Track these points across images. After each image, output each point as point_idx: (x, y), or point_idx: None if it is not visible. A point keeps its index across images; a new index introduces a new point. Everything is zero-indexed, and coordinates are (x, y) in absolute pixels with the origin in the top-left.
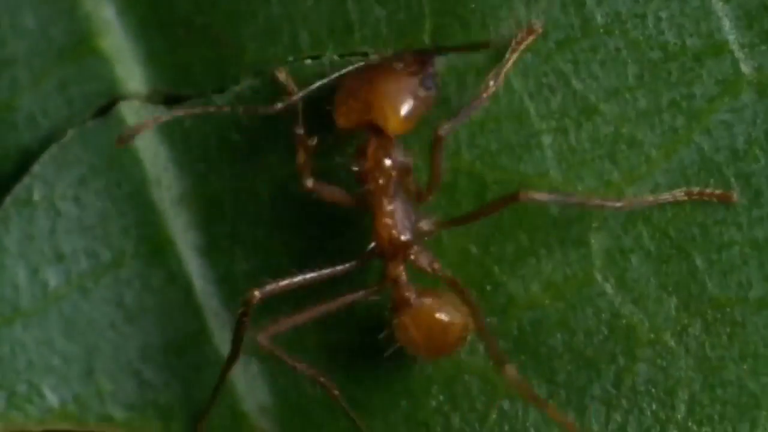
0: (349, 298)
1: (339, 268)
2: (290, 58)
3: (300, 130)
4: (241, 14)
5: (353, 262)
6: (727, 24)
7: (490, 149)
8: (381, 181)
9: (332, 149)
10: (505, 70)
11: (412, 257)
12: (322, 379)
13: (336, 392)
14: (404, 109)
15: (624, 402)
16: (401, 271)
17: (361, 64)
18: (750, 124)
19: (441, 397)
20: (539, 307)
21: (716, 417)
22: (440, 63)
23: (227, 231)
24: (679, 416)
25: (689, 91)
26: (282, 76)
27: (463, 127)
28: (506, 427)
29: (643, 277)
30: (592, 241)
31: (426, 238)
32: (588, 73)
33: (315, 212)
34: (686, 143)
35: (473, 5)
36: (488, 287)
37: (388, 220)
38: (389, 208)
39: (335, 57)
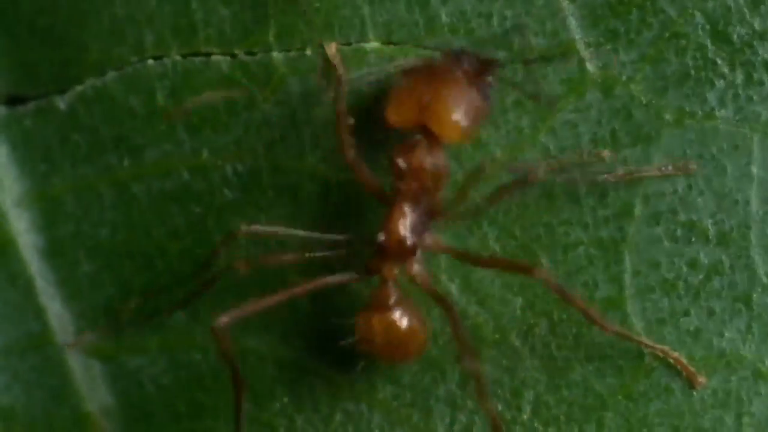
0: (328, 280)
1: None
2: (134, 59)
3: (342, 107)
4: (84, 14)
5: (350, 274)
6: (573, 23)
7: (334, 151)
8: (414, 184)
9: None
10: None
11: (409, 264)
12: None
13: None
14: (463, 119)
15: (469, 403)
16: (395, 274)
17: (421, 61)
18: (595, 123)
19: (285, 399)
20: None
21: (562, 418)
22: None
23: (70, 232)
24: (524, 417)
25: None
26: (332, 52)
27: (306, 129)
28: (350, 428)
29: (487, 277)
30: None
31: (424, 251)
32: None
33: (159, 213)
34: (532, 143)
35: (318, 4)
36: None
37: (405, 221)
38: (410, 209)
39: (178, 57)
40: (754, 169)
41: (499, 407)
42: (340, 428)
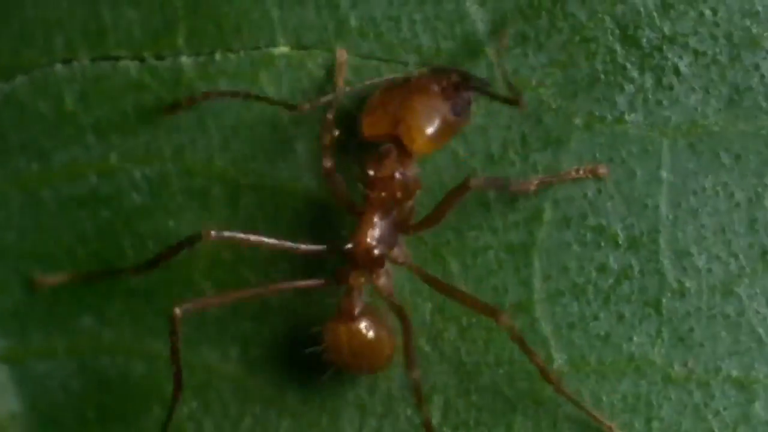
0: (293, 284)
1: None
2: (43, 61)
3: (330, 116)
4: None
5: (322, 279)
6: (481, 27)
7: (243, 154)
8: (384, 194)
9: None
10: (555, 180)
11: (376, 276)
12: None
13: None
14: (431, 130)
15: (378, 407)
16: (361, 283)
17: (400, 76)
18: (505, 128)
19: (194, 404)
20: (293, 312)
21: (471, 422)
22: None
23: None
24: (434, 422)
25: None
26: (342, 59)
27: (216, 132)
28: None
29: (397, 282)
30: None
31: (392, 263)
32: None
33: (67, 217)
34: (442, 148)
35: (226, 8)
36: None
37: (373, 231)
38: (379, 220)
39: (87, 61)
40: (664, 174)
41: (408, 412)
42: None
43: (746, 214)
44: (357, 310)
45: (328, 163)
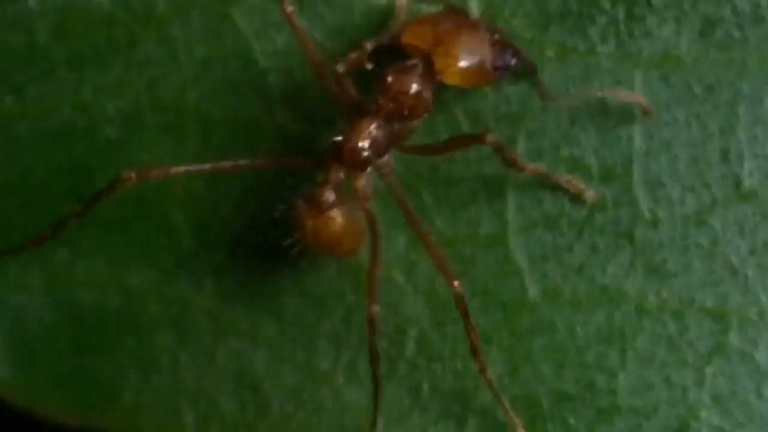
0: (269, 160)
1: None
2: None
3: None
4: None
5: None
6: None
7: (215, 88)
8: (393, 104)
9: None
10: (549, 179)
11: (357, 177)
12: None
13: None
14: (465, 65)
15: (353, 339)
16: (339, 178)
17: (459, 10)
18: None
19: (169, 335)
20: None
21: (446, 354)
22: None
23: None
24: (408, 354)
25: None
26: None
27: (188, 66)
28: (234, 365)
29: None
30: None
31: (375, 171)
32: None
33: (41, 152)
34: (464, 87)
35: None
36: (216, 225)
37: (369, 134)
38: (377, 126)
39: None
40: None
41: (384, 344)
42: (224, 365)
43: (719, 144)
44: (329, 200)
45: (341, 69)
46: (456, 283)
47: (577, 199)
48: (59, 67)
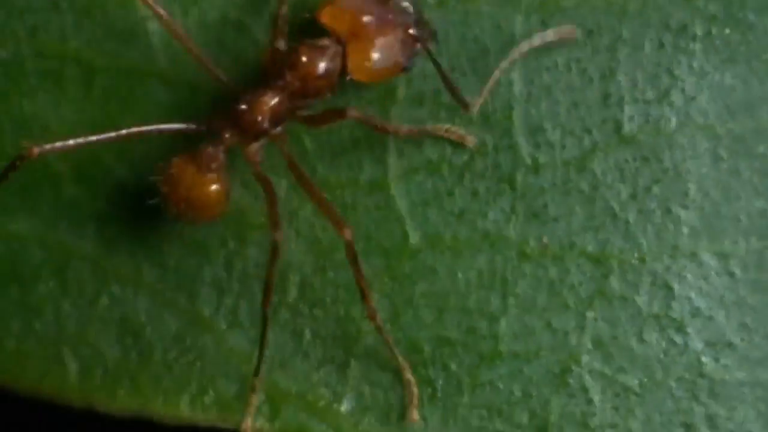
0: (162, 127)
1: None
2: None
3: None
4: None
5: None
6: None
7: (97, 36)
8: (299, 83)
9: None
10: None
11: (249, 144)
12: None
13: None
14: (378, 68)
15: (235, 286)
16: (232, 142)
17: None
18: None
19: (51, 283)
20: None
21: (328, 300)
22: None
23: None
24: (290, 299)
25: None
26: None
27: (69, 13)
28: (117, 312)
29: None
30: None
31: (264, 140)
32: None
33: None
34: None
35: None
36: (97, 173)
37: (271, 106)
38: (280, 99)
39: None
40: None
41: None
42: (107, 312)
43: (599, 89)
44: (214, 165)
45: (281, 45)
46: (347, 231)
47: (458, 145)
48: None
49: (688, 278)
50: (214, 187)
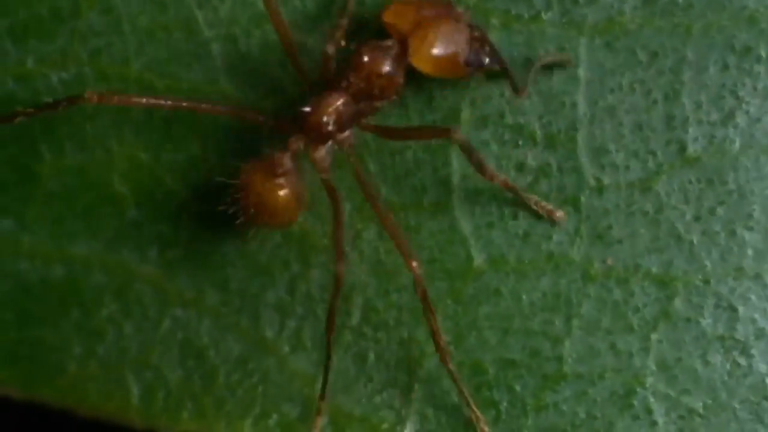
0: (229, 109)
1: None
2: None
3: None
4: None
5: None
6: None
7: (159, 58)
8: (364, 84)
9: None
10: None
11: (317, 149)
12: None
13: None
14: (438, 53)
15: (298, 309)
16: (299, 148)
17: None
18: None
19: (113, 306)
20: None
21: (391, 322)
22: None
23: None
24: (353, 322)
25: None
26: None
27: (131, 36)
28: (180, 335)
29: (314, 184)
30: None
31: (335, 145)
32: None
33: None
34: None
35: None
36: (159, 195)
37: (336, 110)
38: (345, 102)
39: None
40: (581, 72)
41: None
42: (169, 335)
43: (663, 110)
44: (281, 169)
45: (330, 50)
46: (414, 264)
47: (521, 167)
48: (2, 38)
49: (752, 300)
50: (282, 192)
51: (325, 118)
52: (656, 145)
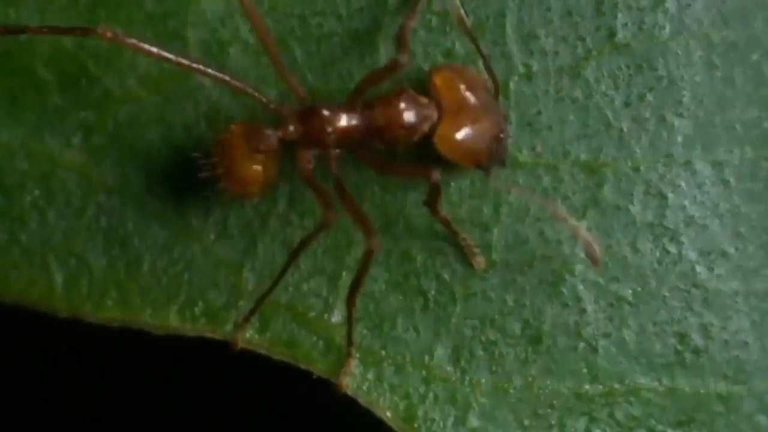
0: (231, 82)
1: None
2: None
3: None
4: None
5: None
6: None
7: None
8: (382, 122)
9: None
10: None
11: (304, 148)
12: None
13: None
14: (461, 149)
15: (223, 196)
16: (292, 137)
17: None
18: None
19: (36, 192)
20: (136, 101)
21: (317, 210)
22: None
23: None
24: (280, 209)
25: None
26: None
27: None
28: (104, 222)
29: (242, 69)
30: (189, 35)
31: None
32: None
33: None
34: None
35: None
36: (84, 81)
37: (343, 123)
38: (355, 125)
39: None
40: None
41: (254, 200)
42: (94, 222)
43: None
44: (264, 145)
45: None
46: (375, 242)
47: (449, 54)
48: None
49: (682, 187)
50: (255, 167)
51: (329, 129)
52: (585, 31)
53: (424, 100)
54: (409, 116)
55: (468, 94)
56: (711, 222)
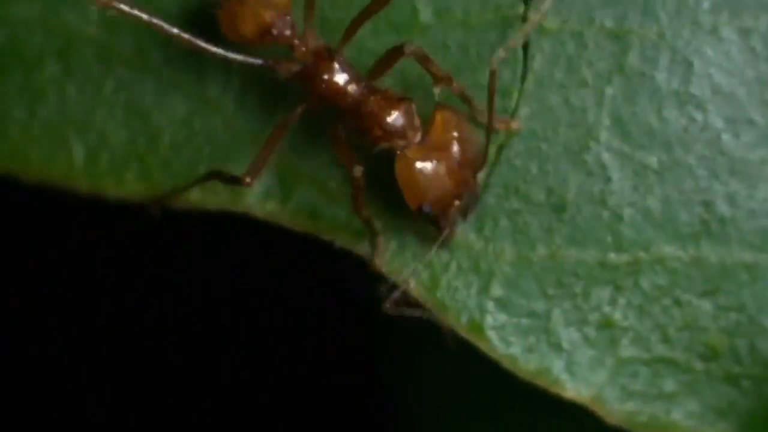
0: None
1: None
2: None
3: None
4: None
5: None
6: None
7: None
8: (372, 108)
9: None
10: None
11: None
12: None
13: None
14: (417, 176)
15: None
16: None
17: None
18: None
19: (55, 67)
20: None
21: None
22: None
23: None
24: None
25: None
26: None
27: None
28: (123, 96)
29: None
30: None
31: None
32: None
33: None
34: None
35: None
36: None
37: (340, 80)
38: (350, 90)
39: None
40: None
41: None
42: (113, 95)
43: None
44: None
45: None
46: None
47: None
48: None
49: (708, 54)
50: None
51: (326, 76)
52: None
53: (417, 120)
54: (395, 121)
55: (455, 145)
56: (737, 90)
